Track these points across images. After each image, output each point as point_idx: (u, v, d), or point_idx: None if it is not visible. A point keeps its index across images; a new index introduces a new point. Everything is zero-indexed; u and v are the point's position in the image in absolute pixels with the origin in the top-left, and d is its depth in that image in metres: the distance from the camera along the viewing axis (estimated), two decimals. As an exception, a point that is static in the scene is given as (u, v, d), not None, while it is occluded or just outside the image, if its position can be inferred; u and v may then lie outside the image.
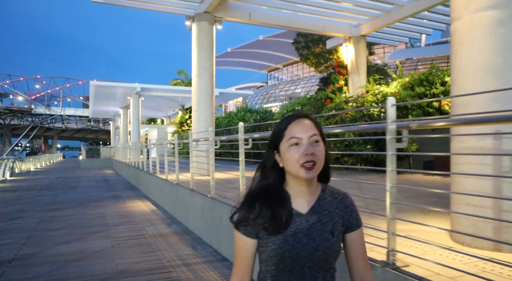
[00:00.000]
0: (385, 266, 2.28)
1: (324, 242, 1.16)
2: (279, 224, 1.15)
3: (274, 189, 1.20)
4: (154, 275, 4.16)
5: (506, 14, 2.54)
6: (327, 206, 1.21)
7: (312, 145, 1.14)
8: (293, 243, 1.15)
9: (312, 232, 1.17)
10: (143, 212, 8.42)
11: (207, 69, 9.60)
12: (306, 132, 1.15)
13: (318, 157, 1.14)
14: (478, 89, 2.63)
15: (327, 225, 1.19)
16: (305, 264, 1.16)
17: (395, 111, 2.37)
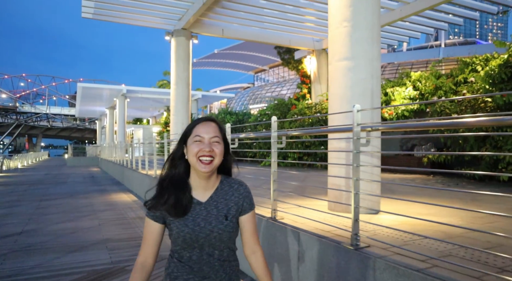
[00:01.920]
0: (269, 219, 3.75)
1: (218, 225, 1.40)
2: (179, 210, 1.38)
3: (179, 179, 1.43)
4: (131, 241, 5.57)
5: (353, 64, 4.05)
6: (223, 195, 1.46)
7: (212, 144, 1.38)
8: (192, 226, 1.38)
9: (209, 217, 1.40)
10: (125, 202, 9.79)
11: (184, 78, 11.02)
12: (209, 133, 1.39)
13: (216, 155, 1.38)
14: (339, 111, 4.12)
15: (222, 211, 1.43)
16: (203, 244, 1.39)
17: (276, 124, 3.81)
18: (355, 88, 4.05)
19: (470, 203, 4.83)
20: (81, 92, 25.29)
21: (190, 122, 7.76)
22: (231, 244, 1.46)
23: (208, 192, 1.45)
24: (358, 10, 4.07)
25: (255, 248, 1.51)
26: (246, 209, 1.48)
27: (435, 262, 2.28)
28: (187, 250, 1.40)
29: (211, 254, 1.41)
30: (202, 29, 11.44)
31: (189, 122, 9.50)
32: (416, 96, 9.87)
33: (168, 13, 10.81)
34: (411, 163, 9.67)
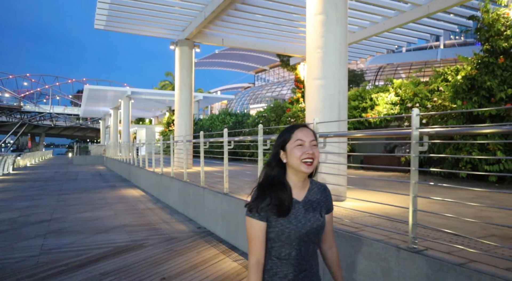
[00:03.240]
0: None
1: (317, 222, 1.57)
2: (284, 209, 1.51)
3: (279, 181, 1.56)
4: (145, 226, 6.66)
5: (324, 82, 5.12)
6: (314, 195, 1.63)
7: (312, 147, 1.54)
8: (296, 223, 1.53)
9: (308, 215, 1.56)
10: (135, 196, 10.88)
11: (187, 84, 12.09)
12: (308, 137, 1.55)
13: (315, 157, 1.54)
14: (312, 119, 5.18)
15: (317, 209, 1.60)
16: (302, 238, 1.54)
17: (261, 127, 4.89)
18: (325, 101, 5.12)
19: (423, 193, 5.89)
20: (87, 93, 26.35)
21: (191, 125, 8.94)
22: (319, 239, 1.64)
23: (303, 192, 1.60)
24: (328, 40, 5.14)
25: (332, 244, 1.73)
26: (329, 208, 1.68)
27: (364, 227, 3.35)
28: (287, 247, 1.53)
29: (307, 249, 1.56)
30: (204, 39, 12.49)
31: (191, 124, 10.59)
32: (397, 101, 10.91)
33: (173, 24, 11.85)
34: (391, 162, 10.72)
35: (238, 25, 11.93)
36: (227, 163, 6.00)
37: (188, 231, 6.38)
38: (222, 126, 22.58)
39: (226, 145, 5.93)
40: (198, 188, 6.99)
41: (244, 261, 4.69)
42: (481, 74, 7.45)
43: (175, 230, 6.40)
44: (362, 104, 11.93)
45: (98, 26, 11.95)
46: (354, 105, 12.06)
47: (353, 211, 4.13)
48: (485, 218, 3.83)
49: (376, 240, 2.99)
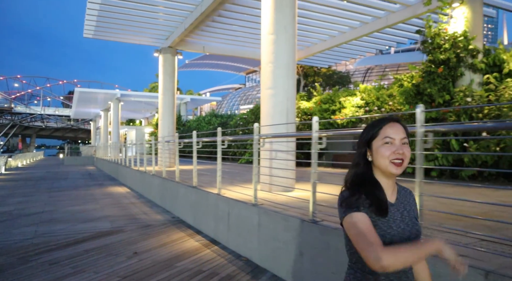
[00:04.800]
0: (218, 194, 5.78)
1: (415, 226, 1.38)
2: (384, 206, 1.32)
3: (370, 179, 1.39)
4: (126, 216, 7.58)
5: (274, 92, 6.09)
6: (404, 197, 1.44)
7: (403, 146, 1.35)
8: (396, 228, 1.33)
9: (405, 219, 1.37)
10: (120, 192, 11.77)
11: (170, 89, 13.01)
12: (399, 134, 1.36)
13: (406, 157, 1.35)
14: (267, 123, 6.15)
15: (411, 212, 1.41)
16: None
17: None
18: (275, 108, 6.09)
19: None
20: (77, 96, 27.09)
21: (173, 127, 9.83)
22: None
23: (394, 193, 1.42)
24: (277, 56, 6.11)
25: None
26: (416, 214, 1.46)
27: (289, 208, 4.32)
28: None
29: None
30: (186, 47, 13.43)
31: (174, 126, 11.55)
32: (362, 104, 11.93)
33: (157, 33, 12.74)
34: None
35: (219, 34, 12.87)
36: (196, 161, 6.94)
37: (163, 220, 7.32)
38: (208, 127, 23.48)
39: (195, 145, 6.88)
40: (173, 183, 7.93)
41: (204, 241, 5.64)
42: (424, 82, 8.49)
43: (152, 219, 7.33)
44: (332, 106, 12.93)
45: (87, 35, 12.81)
46: (325, 107, 13.06)
47: (291, 198, 5.10)
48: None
49: (291, 216, 3.97)
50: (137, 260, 4.70)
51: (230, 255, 4.93)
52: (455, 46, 8.18)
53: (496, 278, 2.13)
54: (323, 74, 29.67)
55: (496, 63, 8.06)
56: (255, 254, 4.62)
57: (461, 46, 8.14)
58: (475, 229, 3.07)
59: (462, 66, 8.23)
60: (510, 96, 7.21)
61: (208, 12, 10.08)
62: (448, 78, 8.27)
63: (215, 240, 5.70)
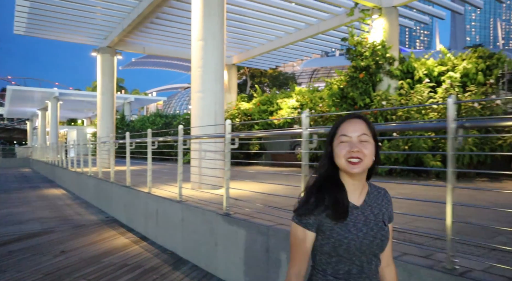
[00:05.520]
0: (148, 193, 6.01)
1: (381, 231, 1.30)
2: (341, 210, 1.25)
3: (332, 179, 1.31)
4: (59, 218, 7.55)
5: (203, 95, 6.43)
6: (375, 199, 1.35)
7: (361, 143, 1.27)
8: (356, 232, 1.26)
9: (369, 223, 1.29)
10: (56, 194, 11.51)
11: (109, 89, 12.88)
12: (356, 131, 1.28)
13: (365, 155, 1.26)
14: (196, 125, 6.47)
15: (379, 216, 1.32)
16: (365, 252, 1.27)
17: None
18: (204, 110, 6.44)
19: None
20: (10, 94, 25.60)
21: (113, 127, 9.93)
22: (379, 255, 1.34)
23: (361, 195, 1.34)
24: (206, 61, 6.46)
25: (390, 260, 1.42)
26: (390, 217, 1.38)
27: (209, 204, 4.69)
28: (346, 263, 1.27)
29: (370, 265, 1.30)
30: (126, 47, 13.36)
31: (113, 126, 11.53)
32: (297, 106, 12.61)
33: (95, 32, 12.54)
34: (292, 159, 12.38)
35: (159, 35, 12.94)
36: (129, 161, 7.11)
37: (97, 220, 7.39)
38: (152, 127, 23.24)
39: (128, 145, 7.04)
40: (108, 183, 8.01)
41: (134, 238, 5.86)
42: (347, 86, 9.24)
43: (85, 220, 7.38)
44: (270, 108, 13.50)
45: (18, 31, 12.33)
46: (264, 109, 13.61)
47: (215, 195, 5.46)
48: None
49: (208, 210, 4.34)
50: (64, 258, 4.84)
51: (157, 250, 5.21)
52: (375, 54, 9.00)
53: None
54: (269, 75, 30.48)
55: (409, 70, 8.98)
56: (179, 247, 4.94)
57: (380, 54, 8.97)
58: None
59: (381, 72, 9.08)
60: (418, 100, 8.11)
61: (145, 14, 10.18)
62: (368, 83, 9.08)
63: (145, 237, 5.93)
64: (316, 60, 44.99)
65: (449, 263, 2.21)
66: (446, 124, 2.22)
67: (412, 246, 2.66)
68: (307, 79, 42.75)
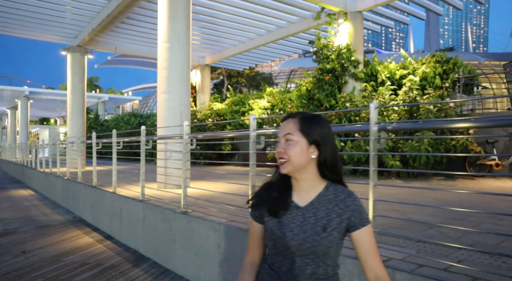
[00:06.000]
0: (113, 193, 6.08)
1: (314, 235, 1.23)
2: (275, 207, 1.30)
3: (280, 177, 1.34)
4: (23, 219, 7.50)
5: (169, 96, 6.54)
6: (326, 203, 1.28)
7: (285, 143, 1.27)
8: (285, 231, 1.26)
9: (305, 225, 1.25)
10: (23, 196, 11.34)
11: (79, 89, 12.77)
12: (283, 131, 1.29)
13: (289, 155, 1.25)
14: (162, 126, 6.58)
15: (321, 220, 1.25)
16: (295, 253, 1.25)
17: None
18: (169, 111, 6.56)
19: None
20: (-22, 92, 24.90)
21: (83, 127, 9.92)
22: (330, 261, 1.28)
23: (310, 197, 1.30)
24: (172, 63, 6.58)
25: (377, 270, 1.25)
26: (356, 224, 1.27)
27: (170, 202, 4.82)
28: (280, 258, 1.30)
29: (303, 269, 1.25)
30: (97, 46, 13.26)
31: (84, 126, 11.44)
32: (269, 107, 12.83)
33: (65, 31, 12.39)
34: (263, 159, 12.59)
35: (130, 35, 12.88)
36: (95, 161, 7.14)
37: (63, 220, 7.39)
38: (126, 126, 23.05)
39: (94, 146, 7.08)
40: (75, 183, 8.00)
41: (99, 238, 5.92)
42: (314, 88, 9.51)
43: (51, 220, 7.37)
44: (242, 108, 13.69)
45: (-18, 28, 12.06)
46: (236, 109, 13.78)
47: (178, 194, 5.59)
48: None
49: (167, 208, 4.48)
50: (24, 258, 4.87)
51: (120, 248, 5.30)
52: (340, 57, 9.31)
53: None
54: (246, 75, 30.66)
55: (373, 73, 9.33)
56: (141, 245, 5.05)
57: (345, 57, 9.29)
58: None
59: (346, 75, 9.40)
60: (380, 102, 8.45)
61: (115, 14, 10.17)
62: (334, 85, 9.38)
63: (110, 236, 6.00)
64: (293, 61, 45.45)
65: (372, 253, 2.44)
66: (368, 127, 2.45)
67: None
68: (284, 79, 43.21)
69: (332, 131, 1.33)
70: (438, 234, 3.16)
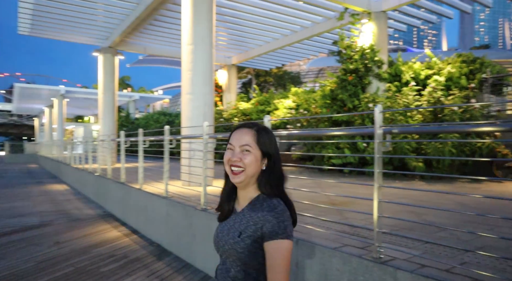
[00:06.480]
0: (139, 189, 6.38)
1: (231, 239, 1.31)
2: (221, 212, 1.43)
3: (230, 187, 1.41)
4: (58, 212, 7.97)
5: (193, 97, 6.78)
6: (251, 210, 1.33)
7: (242, 153, 1.31)
8: (217, 233, 1.39)
9: (230, 228, 1.34)
10: (58, 190, 11.96)
11: (110, 88, 13.30)
12: (239, 141, 1.32)
13: (245, 165, 1.30)
14: (185, 125, 6.82)
15: (240, 226, 1.32)
16: (222, 254, 1.36)
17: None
18: (194, 111, 6.79)
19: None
20: (18, 91, 26.22)
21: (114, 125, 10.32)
22: (250, 269, 1.29)
23: (245, 203, 1.37)
24: (196, 64, 6.81)
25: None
26: (265, 235, 1.26)
27: (194, 200, 5.04)
28: (221, 259, 1.39)
29: (228, 269, 1.33)
30: (127, 47, 13.76)
31: (115, 124, 11.96)
32: (294, 106, 12.91)
33: (97, 33, 12.93)
34: (287, 159, 12.70)
35: (159, 36, 13.29)
36: (123, 159, 7.49)
37: (94, 214, 7.80)
38: (156, 125, 23.68)
39: (123, 144, 7.42)
40: (105, 179, 8.41)
41: (126, 232, 6.24)
42: (337, 88, 9.53)
43: (83, 214, 7.79)
44: (267, 108, 13.84)
45: (22, 31, 12.75)
46: (261, 109, 13.96)
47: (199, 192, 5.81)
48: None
49: (189, 205, 4.70)
50: (57, 248, 5.23)
51: (145, 242, 5.58)
52: (363, 57, 9.28)
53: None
54: (274, 74, 30.77)
55: (397, 73, 9.26)
56: (164, 240, 5.31)
57: (369, 58, 9.26)
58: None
59: (369, 75, 9.36)
60: (404, 103, 8.38)
61: (143, 16, 10.55)
62: (358, 85, 9.37)
63: (136, 230, 6.31)
64: (322, 59, 45.06)
65: (376, 252, 2.54)
66: (373, 130, 2.54)
67: (354, 239, 2.99)
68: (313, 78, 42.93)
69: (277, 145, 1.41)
70: (449, 236, 3.21)
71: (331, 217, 3.69)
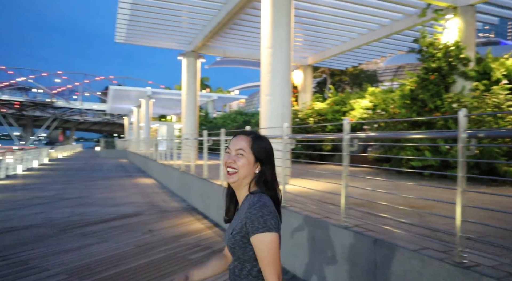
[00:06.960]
0: (221, 185, 6.84)
1: (227, 237, 1.47)
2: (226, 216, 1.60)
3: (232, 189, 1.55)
4: (148, 203, 8.81)
5: (272, 98, 7.06)
6: (242, 209, 1.46)
7: (236, 156, 1.46)
8: (226, 233, 1.53)
9: (229, 227, 1.50)
10: (147, 183, 13.11)
11: (193, 90, 14.21)
12: (235, 145, 1.48)
13: (238, 167, 1.44)
14: (264, 126, 7.13)
15: (233, 224, 1.47)
16: (229, 250, 1.47)
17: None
18: (272, 112, 7.07)
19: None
20: (112, 93, 29.01)
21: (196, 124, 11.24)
22: (241, 261, 1.42)
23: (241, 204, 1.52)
24: (275, 67, 7.07)
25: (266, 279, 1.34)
26: (249, 231, 1.36)
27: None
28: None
29: (235, 267, 1.45)
30: (208, 51, 14.56)
31: (196, 123, 12.83)
32: (370, 106, 12.63)
33: (181, 38, 13.91)
34: (364, 160, 12.46)
35: (237, 39, 13.88)
36: (206, 156, 8.03)
37: (179, 207, 8.48)
38: (233, 124, 24.61)
39: (205, 142, 7.97)
40: (189, 175, 9.08)
41: (208, 224, 6.73)
42: (418, 88, 9.16)
43: (169, 206, 8.52)
44: (343, 108, 13.69)
45: (118, 40, 14.19)
46: (337, 109, 13.85)
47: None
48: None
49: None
50: (150, 235, 5.85)
51: (226, 235, 5.98)
52: (447, 55, 8.80)
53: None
54: (349, 73, 30.14)
55: (486, 71, 8.63)
56: (243, 234, 5.64)
57: (453, 55, 8.76)
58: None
59: (454, 74, 8.85)
60: (493, 103, 7.81)
61: (224, 21, 11.13)
62: (440, 85, 8.91)
63: (217, 224, 6.76)
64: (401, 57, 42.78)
65: (458, 257, 2.54)
66: (457, 134, 2.54)
67: (434, 243, 2.99)
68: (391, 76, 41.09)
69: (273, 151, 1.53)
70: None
71: (410, 219, 3.68)
